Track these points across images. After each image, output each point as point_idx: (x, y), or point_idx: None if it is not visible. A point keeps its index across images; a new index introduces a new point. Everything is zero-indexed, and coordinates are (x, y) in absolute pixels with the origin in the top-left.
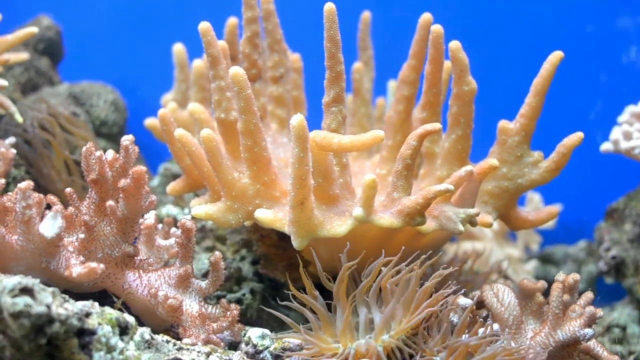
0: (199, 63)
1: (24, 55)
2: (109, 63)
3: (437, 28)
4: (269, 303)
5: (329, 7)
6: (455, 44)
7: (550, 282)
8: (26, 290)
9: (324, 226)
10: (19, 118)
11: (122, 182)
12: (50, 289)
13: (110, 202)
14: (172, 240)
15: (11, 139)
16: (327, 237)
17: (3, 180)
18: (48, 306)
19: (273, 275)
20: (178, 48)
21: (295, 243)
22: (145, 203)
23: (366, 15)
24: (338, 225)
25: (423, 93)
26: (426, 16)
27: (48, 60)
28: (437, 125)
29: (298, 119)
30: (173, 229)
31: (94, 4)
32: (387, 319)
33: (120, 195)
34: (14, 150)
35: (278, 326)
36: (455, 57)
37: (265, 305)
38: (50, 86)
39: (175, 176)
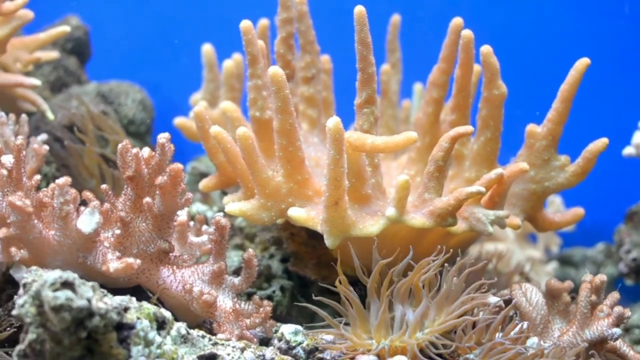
0: (229, 63)
1: (54, 54)
2: (134, 63)
3: (467, 33)
4: (299, 300)
5: (359, 10)
6: (486, 49)
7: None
8: (67, 284)
9: (356, 225)
10: (50, 115)
11: (159, 179)
12: (90, 283)
13: (147, 199)
14: (204, 237)
15: (43, 136)
16: (359, 236)
17: (38, 177)
18: (89, 300)
19: (303, 273)
20: (207, 48)
21: (328, 242)
22: (181, 200)
23: (396, 18)
24: (370, 225)
25: (452, 96)
26: (457, 20)
27: (76, 59)
28: (469, 128)
29: (334, 121)
30: (204, 227)
31: (120, 5)
32: (421, 317)
33: (157, 192)
34: (46, 147)
35: (308, 323)
36: (486, 62)
37: (294, 302)
38: (78, 85)
39: (202, 175)
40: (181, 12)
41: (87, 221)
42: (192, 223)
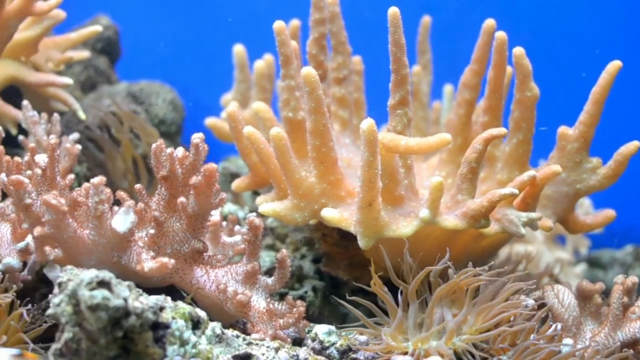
0: (260, 64)
1: (85, 54)
2: (164, 63)
3: (501, 34)
4: (330, 301)
5: (393, 11)
6: (519, 50)
7: None
8: (103, 284)
9: (389, 227)
10: (82, 115)
11: (194, 179)
12: (126, 283)
13: (181, 199)
14: (237, 238)
15: (75, 135)
16: (392, 237)
17: (72, 176)
18: (125, 299)
19: (335, 274)
20: (238, 49)
21: (362, 243)
22: (216, 200)
23: (426, 19)
24: (404, 226)
25: (485, 97)
26: (489, 22)
27: (106, 59)
28: (503, 130)
29: (368, 123)
30: (237, 227)
31: (149, 4)
32: (459, 322)
33: (191, 192)
34: (78, 146)
35: (339, 323)
36: (519, 63)
37: (326, 303)
38: (108, 85)
39: (233, 175)
40: (210, 12)
41: (122, 220)
42: (224, 223)
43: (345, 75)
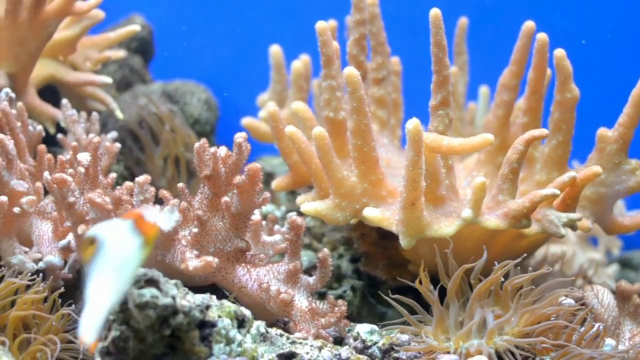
0: (297, 64)
1: (121, 53)
2: (196, 63)
3: (542, 36)
4: (368, 300)
5: (435, 12)
6: (560, 52)
7: None
8: (151, 282)
9: (431, 226)
10: (120, 114)
11: (238, 179)
12: (173, 281)
13: (225, 198)
14: (277, 237)
15: (113, 134)
16: (434, 237)
17: (114, 174)
18: (173, 297)
19: (374, 273)
20: (275, 50)
21: (404, 242)
22: (259, 200)
23: (463, 21)
24: (445, 226)
25: (525, 99)
26: (529, 24)
27: (140, 58)
28: (545, 131)
29: (414, 123)
30: (276, 226)
31: (183, 4)
32: (500, 322)
33: (235, 191)
34: (118, 145)
35: (378, 323)
36: (559, 65)
37: (364, 302)
38: (142, 84)
39: (267, 175)
40: (241, 13)
41: (166, 219)
42: (263, 222)
43: (384, 75)
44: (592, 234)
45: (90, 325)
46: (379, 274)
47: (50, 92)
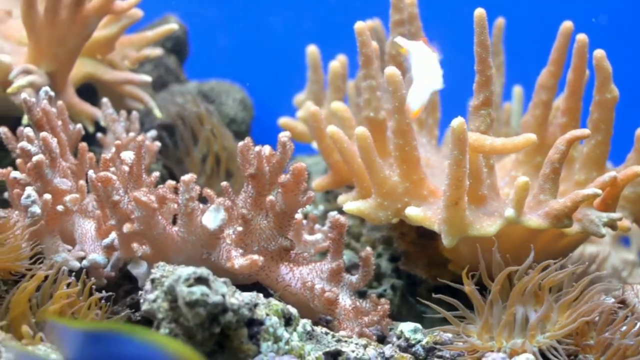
0: (335, 64)
1: (158, 52)
2: (231, 63)
3: (582, 37)
4: (408, 299)
5: (480, 12)
6: (600, 53)
7: None
8: (201, 280)
9: (474, 226)
10: (158, 113)
11: (283, 178)
12: (222, 279)
13: (270, 197)
14: (318, 236)
15: (152, 132)
16: (476, 236)
17: (157, 173)
18: (223, 295)
19: (414, 272)
20: (312, 50)
21: (446, 241)
22: (303, 199)
23: (500, 21)
24: (488, 225)
25: (564, 99)
26: (567, 24)
27: (175, 58)
28: (586, 131)
29: (459, 122)
30: (317, 225)
31: (216, 4)
32: (540, 318)
33: (279, 190)
34: (158, 144)
35: (417, 321)
36: (599, 66)
37: (404, 301)
38: (177, 84)
39: None
40: (275, 13)
41: (212, 218)
42: (304, 221)
43: None
44: (621, 233)
45: (417, 98)
46: (419, 273)
47: (88, 91)
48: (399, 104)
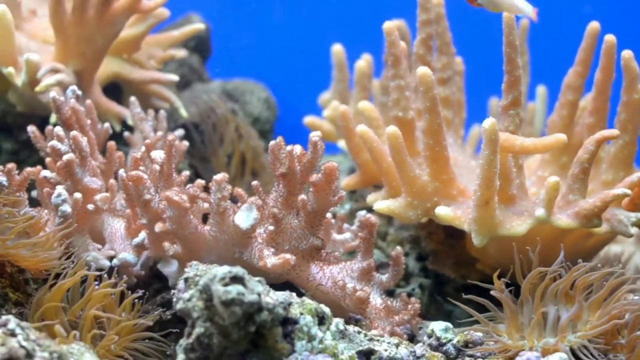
0: (361, 64)
1: (183, 52)
2: (252, 62)
3: (610, 37)
4: (435, 298)
5: (508, 14)
6: (627, 53)
7: None
8: (237, 279)
9: (503, 225)
10: (184, 113)
11: (315, 177)
12: (257, 278)
13: (302, 196)
14: (347, 235)
15: (180, 131)
16: (506, 236)
17: (187, 172)
18: (259, 294)
19: (442, 271)
20: (337, 49)
21: (476, 241)
22: (335, 198)
23: (524, 22)
24: (518, 225)
25: (592, 99)
26: (594, 25)
27: (198, 57)
28: (615, 132)
29: (490, 122)
30: (345, 225)
31: (237, 4)
32: (572, 319)
33: (310, 189)
34: (186, 143)
35: (445, 321)
36: (627, 66)
37: (432, 300)
38: (200, 83)
39: None
40: (296, 12)
41: (244, 217)
42: (332, 221)
43: (449, 75)
44: None
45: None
46: (447, 272)
47: (111, 90)
48: (431, 104)
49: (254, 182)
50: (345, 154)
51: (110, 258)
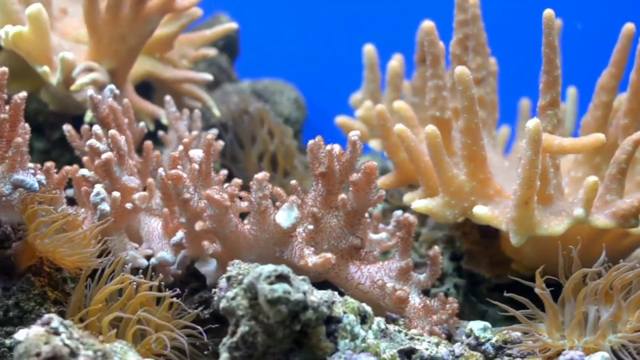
0: (394, 64)
1: (213, 51)
2: (280, 62)
3: None
4: (469, 298)
5: (549, 13)
6: None
7: None
8: (282, 277)
9: (541, 225)
10: (217, 112)
11: (355, 177)
12: (301, 277)
13: (343, 196)
14: (382, 235)
15: (214, 131)
16: (543, 235)
17: (225, 171)
18: (304, 293)
19: (477, 271)
20: (369, 49)
21: (515, 240)
22: (374, 197)
23: (557, 23)
24: (556, 225)
25: (627, 100)
26: (629, 26)
27: (226, 57)
28: None
29: (535, 123)
30: (381, 224)
31: (266, 4)
32: (612, 319)
33: (350, 188)
34: (221, 142)
35: (479, 320)
36: None
37: (466, 300)
38: (229, 83)
39: None
40: (324, 12)
41: (285, 216)
42: (368, 220)
43: (483, 76)
44: None
45: None
46: (482, 272)
47: (141, 89)
48: (469, 103)
49: (293, 182)
50: (373, 154)
51: (148, 257)
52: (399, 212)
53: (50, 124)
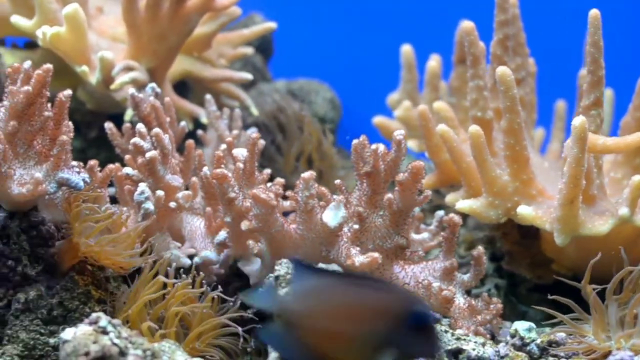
0: (433, 64)
1: (250, 50)
2: (314, 62)
3: None
4: (510, 299)
5: (594, 13)
6: None
7: None
8: None
9: (586, 225)
10: (255, 111)
11: (401, 176)
12: None
13: (389, 195)
14: (425, 235)
15: (253, 129)
16: (588, 235)
17: (269, 170)
18: None
19: (518, 272)
20: (406, 49)
21: (559, 240)
22: (420, 197)
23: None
24: (600, 225)
25: None
26: None
27: (261, 57)
28: None
29: (581, 121)
30: (422, 225)
31: (299, 4)
32: None
33: (396, 188)
34: (262, 142)
35: (520, 320)
36: None
37: (506, 300)
38: (263, 82)
39: None
40: (358, 12)
41: (332, 215)
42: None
43: (523, 76)
44: None
45: None
46: (523, 273)
47: (181, 88)
48: (511, 103)
49: (337, 181)
50: (409, 155)
51: (191, 256)
52: (441, 212)
53: (86, 123)
